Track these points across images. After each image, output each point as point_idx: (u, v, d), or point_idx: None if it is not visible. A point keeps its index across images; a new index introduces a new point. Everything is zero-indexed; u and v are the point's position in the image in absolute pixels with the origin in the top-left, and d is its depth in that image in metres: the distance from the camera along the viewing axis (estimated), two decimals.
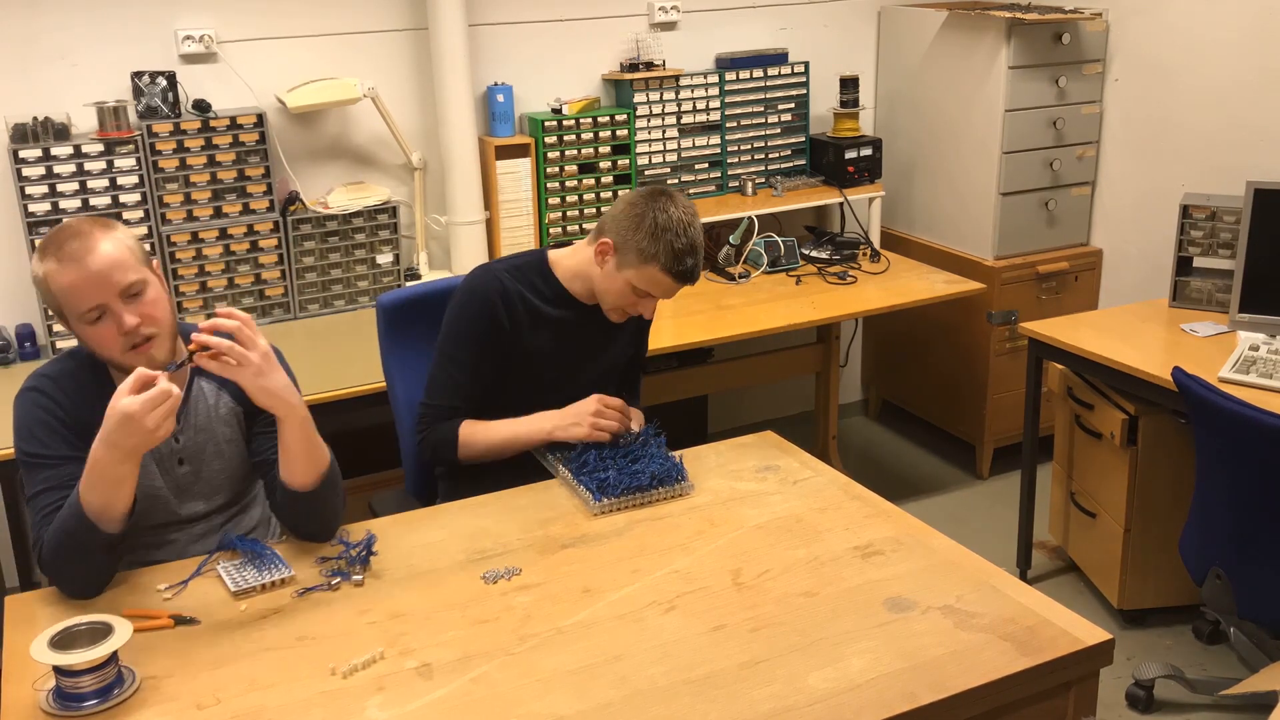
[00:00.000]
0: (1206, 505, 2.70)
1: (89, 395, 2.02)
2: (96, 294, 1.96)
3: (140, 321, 1.98)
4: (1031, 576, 3.57)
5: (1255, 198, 3.13)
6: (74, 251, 1.96)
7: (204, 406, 2.16)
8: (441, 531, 2.17)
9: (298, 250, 3.49)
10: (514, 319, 2.43)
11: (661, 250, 2.32)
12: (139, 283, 2.00)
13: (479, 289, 2.43)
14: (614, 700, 1.65)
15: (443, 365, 2.46)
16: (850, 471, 2.79)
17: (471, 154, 3.61)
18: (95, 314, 1.97)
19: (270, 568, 2.00)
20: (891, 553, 2.03)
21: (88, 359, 2.09)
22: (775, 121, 4.12)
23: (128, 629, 1.70)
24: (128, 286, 1.98)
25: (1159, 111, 3.86)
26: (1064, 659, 1.73)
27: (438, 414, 2.45)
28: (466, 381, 2.44)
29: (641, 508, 2.22)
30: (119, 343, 1.99)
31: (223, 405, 2.17)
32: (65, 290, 1.97)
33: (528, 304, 2.45)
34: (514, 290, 2.43)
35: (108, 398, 1.84)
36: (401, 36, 3.64)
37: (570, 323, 2.49)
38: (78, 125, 3.26)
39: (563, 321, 2.48)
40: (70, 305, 1.98)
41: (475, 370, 2.44)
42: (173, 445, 2.12)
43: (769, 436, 2.54)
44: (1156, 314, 3.37)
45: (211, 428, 2.16)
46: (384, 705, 1.66)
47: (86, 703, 1.66)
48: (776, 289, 3.77)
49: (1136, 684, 2.97)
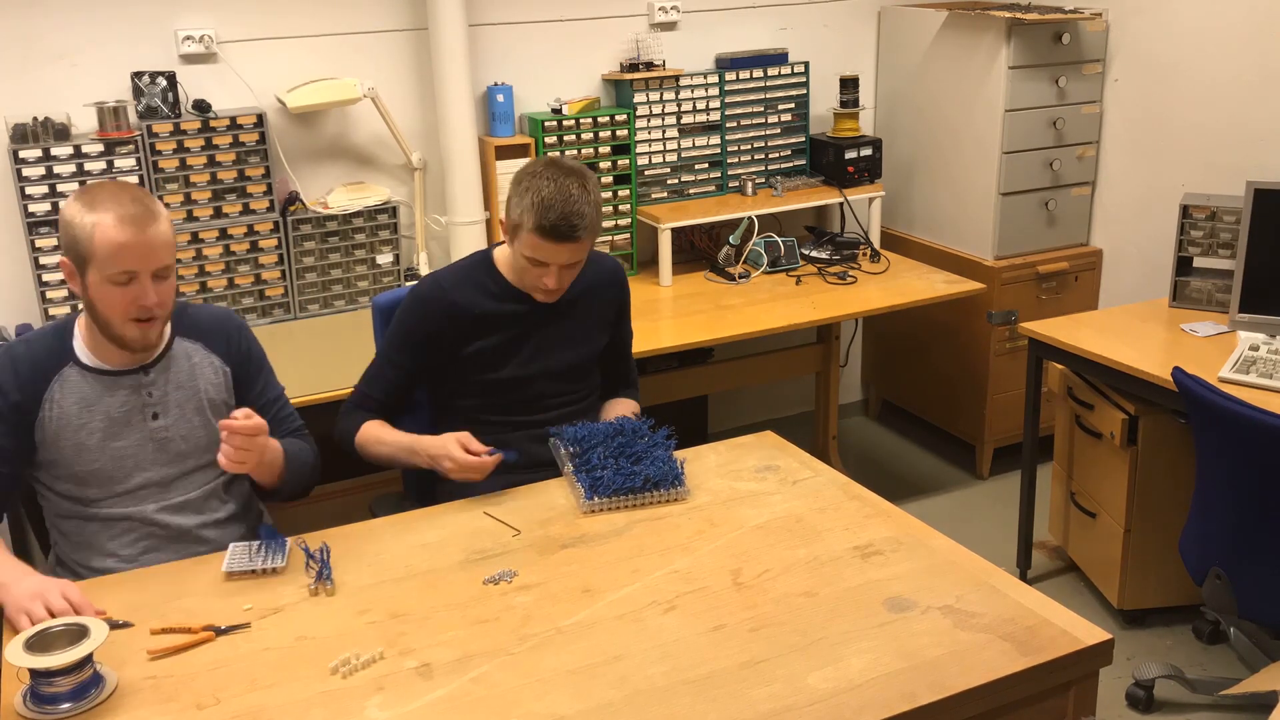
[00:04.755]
0: (1206, 505, 2.70)
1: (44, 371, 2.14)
2: (139, 262, 2.04)
3: (158, 302, 2.08)
4: (1031, 576, 3.57)
5: (1255, 198, 3.13)
6: (135, 216, 2.04)
7: (185, 366, 2.24)
8: (441, 531, 2.17)
9: (298, 250, 3.49)
10: (457, 325, 2.47)
11: (526, 210, 2.33)
12: (169, 267, 2.11)
13: (421, 296, 2.50)
14: (614, 700, 1.65)
15: (380, 359, 2.57)
16: (850, 471, 2.80)
17: (471, 154, 3.61)
18: (125, 278, 2.05)
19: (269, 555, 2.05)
20: (891, 553, 2.03)
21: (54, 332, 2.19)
22: (775, 121, 4.12)
23: (103, 631, 1.70)
24: (163, 267, 2.09)
25: (1159, 111, 3.86)
26: (1064, 659, 1.73)
27: (360, 400, 2.55)
28: (391, 379, 2.53)
29: (641, 508, 2.22)
30: (129, 311, 2.07)
31: (209, 369, 2.27)
32: (112, 247, 2.02)
33: (475, 307, 2.47)
34: (456, 298, 2.47)
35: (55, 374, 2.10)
36: (401, 36, 3.64)
37: (522, 315, 2.50)
38: (78, 125, 3.26)
39: (514, 315, 2.49)
40: (107, 261, 2.03)
41: (405, 371, 2.52)
42: (146, 399, 2.19)
43: (769, 436, 2.54)
44: (1156, 314, 3.37)
45: (195, 386, 2.25)
46: (384, 705, 1.66)
47: (61, 705, 1.66)
48: (776, 289, 3.77)
49: (1136, 684, 2.97)
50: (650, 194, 3.95)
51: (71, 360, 2.15)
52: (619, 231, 3.90)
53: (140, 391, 2.17)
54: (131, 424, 2.17)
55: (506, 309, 2.49)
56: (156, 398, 2.19)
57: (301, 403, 2.79)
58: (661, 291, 3.80)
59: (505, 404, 2.51)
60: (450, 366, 2.50)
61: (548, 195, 2.31)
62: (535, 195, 2.32)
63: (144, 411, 2.18)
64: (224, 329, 2.30)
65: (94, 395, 2.14)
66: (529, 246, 2.36)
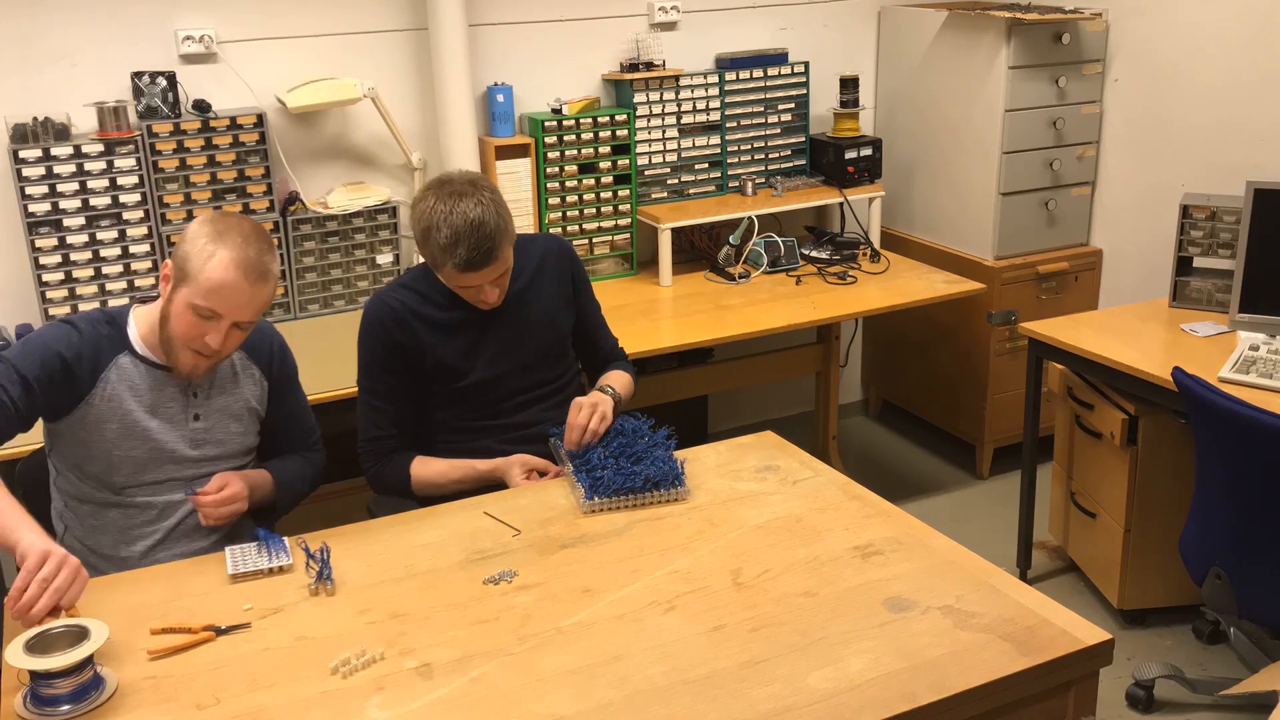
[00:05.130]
0: (1206, 505, 2.70)
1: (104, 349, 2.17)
2: (229, 309, 2.08)
3: (222, 347, 2.12)
4: (1031, 576, 3.57)
5: (1255, 198, 3.13)
6: (252, 267, 2.07)
7: (230, 375, 2.29)
8: (441, 531, 2.17)
9: (298, 250, 3.50)
10: (413, 337, 2.45)
11: (436, 252, 2.33)
12: (253, 323, 2.17)
13: (372, 318, 2.48)
14: (614, 700, 1.65)
15: (364, 400, 2.52)
16: (850, 471, 2.80)
17: (471, 154, 3.61)
18: (210, 314, 2.08)
19: (274, 555, 2.05)
20: (891, 553, 2.03)
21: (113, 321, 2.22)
22: (775, 121, 4.12)
23: (104, 632, 1.70)
24: (249, 323, 2.13)
25: (1159, 111, 3.86)
26: (1064, 659, 1.73)
27: (379, 449, 2.51)
28: (392, 408, 2.50)
29: (641, 508, 2.22)
30: (193, 342, 2.10)
31: (251, 382, 2.32)
32: (214, 284, 2.06)
33: (423, 316, 2.46)
34: (405, 308, 2.46)
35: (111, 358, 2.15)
36: (401, 36, 3.64)
37: (470, 321, 2.48)
38: (78, 125, 3.26)
39: (463, 322, 2.48)
40: (203, 294, 2.06)
41: (395, 395, 2.49)
42: (190, 400, 2.24)
43: (769, 436, 2.54)
44: (1156, 314, 3.37)
45: (237, 394, 2.30)
46: (384, 705, 1.66)
47: (61, 706, 1.66)
48: (776, 289, 3.77)
49: (1136, 684, 2.97)
50: (650, 194, 3.95)
51: (127, 348, 2.19)
52: (619, 231, 3.90)
53: (187, 392, 2.23)
54: (174, 420, 2.21)
55: (456, 316, 2.47)
56: (200, 400, 2.24)
57: None
58: (661, 291, 3.80)
59: (478, 407, 2.50)
60: (418, 380, 2.49)
61: (452, 232, 2.28)
62: (438, 234, 2.30)
63: (186, 411, 2.23)
64: (268, 344, 2.37)
65: (145, 385, 2.19)
66: (452, 280, 2.38)
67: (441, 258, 2.32)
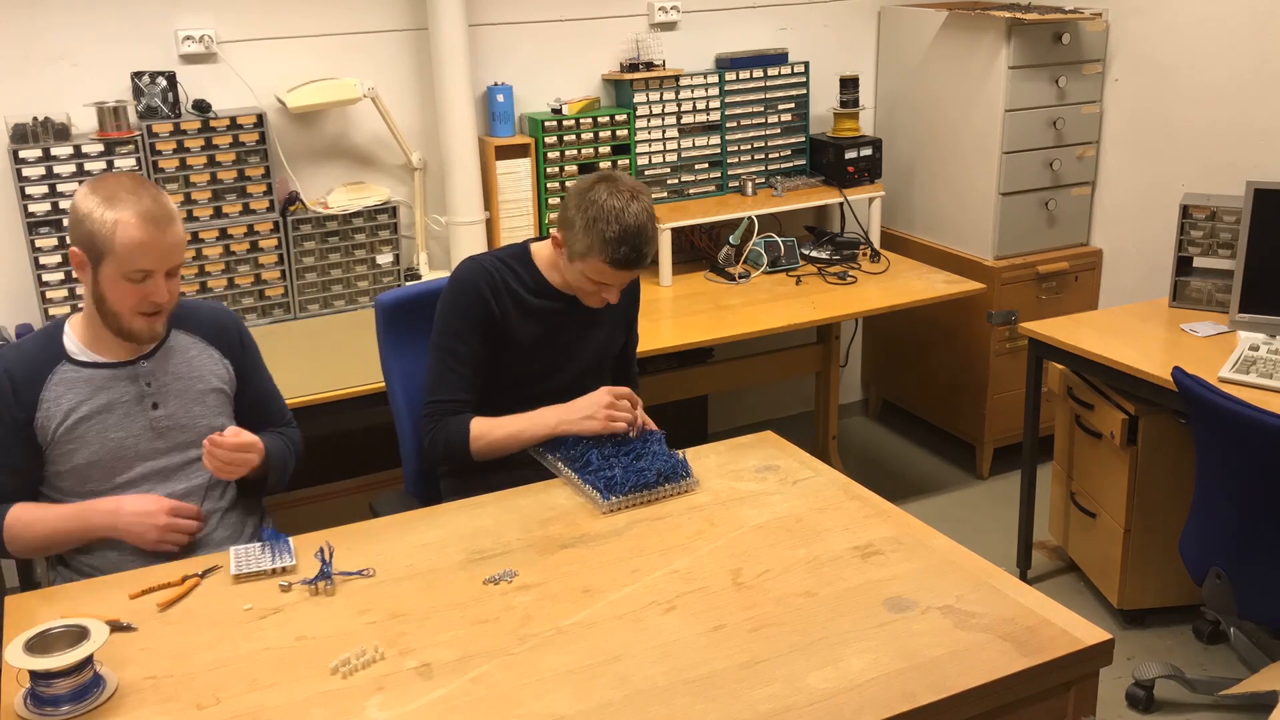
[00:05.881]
0: (1206, 505, 2.70)
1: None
2: (156, 262, 2.09)
3: (168, 298, 2.14)
4: (1031, 576, 3.57)
5: (1255, 198, 3.13)
6: (156, 216, 2.08)
7: (183, 358, 2.27)
8: (441, 531, 2.17)
9: (298, 250, 3.49)
10: (503, 308, 2.45)
11: (596, 243, 2.33)
12: (181, 265, 2.17)
13: (468, 280, 2.45)
14: (614, 700, 1.65)
15: (442, 359, 2.45)
16: (850, 471, 2.80)
17: (471, 154, 3.61)
18: (142, 276, 2.09)
19: (278, 555, 2.04)
20: (891, 553, 2.03)
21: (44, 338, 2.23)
22: (775, 121, 4.12)
23: (103, 633, 1.70)
24: (177, 265, 2.14)
25: (1159, 111, 3.86)
26: (1064, 659, 1.73)
27: (444, 410, 2.44)
28: (469, 373, 2.45)
29: (642, 506, 2.22)
30: (139, 306, 2.12)
31: (210, 361, 2.31)
32: (132, 245, 2.06)
33: (514, 294, 2.46)
34: (501, 280, 2.45)
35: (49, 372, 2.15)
36: (401, 36, 3.64)
37: (553, 312, 2.49)
38: (78, 125, 3.26)
39: (546, 311, 2.49)
40: (126, 259, 2.07)
41: (475, 361, 2.45)
42: (145, 389, 2.22)
43: (769, 436, 2.54)
44: (1156, 314, 3.37)
45: (195, 376, 2.28)
46: (384, 705, 1.66)
47: (61, 707, 1.66)
48: (776, 289, 3.77)
49: (1136, 684, 2.97)
50: (650, 194, 3.94)
51: (64, 359, 2.17)
52: None
53: (139, 381, 2.21)
54: (131, 414, 2.20)
55: (537, 303, 2.48)
56: (155, 388, 2.22)
57: (301, 403, 2.79)
58: (661, 291, 3.80)
59: (534, 396, 2.47)
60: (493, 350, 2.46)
61: (621, 229, 2.31)
62: (606, 227, 2.31)
63: (143, 401, 2.21)
64: (222, 324, 2.35)
65: (91, 389, 2.17)
66: (596, 273, 2.37)
67: (601, 249, 2.32)
